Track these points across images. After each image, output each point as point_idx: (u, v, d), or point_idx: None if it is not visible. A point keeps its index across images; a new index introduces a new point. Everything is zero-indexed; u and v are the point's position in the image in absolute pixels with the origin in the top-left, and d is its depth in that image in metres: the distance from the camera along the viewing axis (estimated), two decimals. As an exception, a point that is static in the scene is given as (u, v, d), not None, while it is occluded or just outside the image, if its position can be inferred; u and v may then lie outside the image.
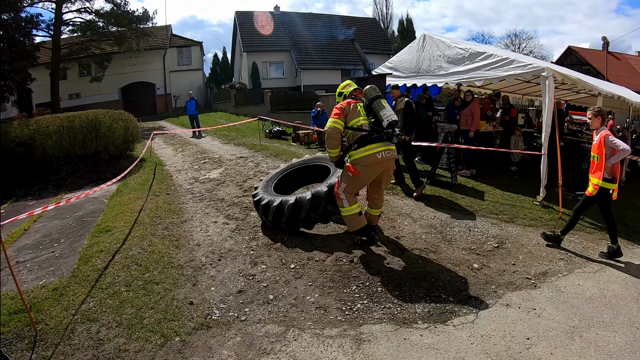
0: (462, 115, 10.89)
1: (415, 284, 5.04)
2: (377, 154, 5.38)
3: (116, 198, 9.11)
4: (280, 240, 6.35)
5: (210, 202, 8.52)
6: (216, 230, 6.98)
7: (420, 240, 6.25)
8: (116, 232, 6.88)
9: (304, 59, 36.70)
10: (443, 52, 10.58)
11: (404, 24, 43.99)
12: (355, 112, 5.57)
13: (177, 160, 13.78)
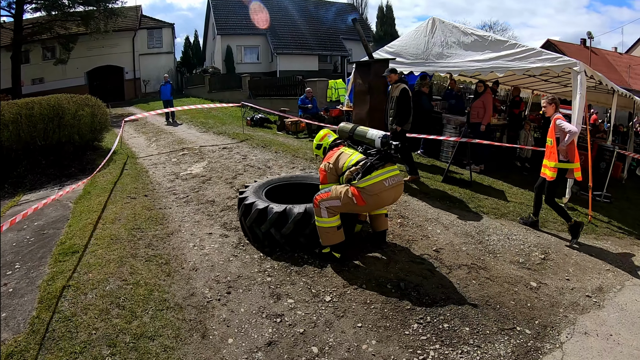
0: (473, 107, 10.34)
1: (481, 313, 4.29)
2: (385, 182, 4.82)
3: (83, 202, 7.53)
4: (299, 259, 5.26)
5: (198, 206, 7.22)
6: (214, 246, 5.68)
7: (462, 253, 5.58)
8: (85, 253, 5.37)
9: (280, 43, 35.25)
10: (458, 38, 9.93)
11: (384, 10, 42.64)
12: (343, 157, 5.16)
13: (151, 152, 12.18)
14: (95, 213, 6.81)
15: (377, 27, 42.20)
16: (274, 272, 4.98)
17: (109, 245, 5.55)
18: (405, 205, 7.16)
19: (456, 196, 7.85)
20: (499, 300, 4.52)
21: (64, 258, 5.27)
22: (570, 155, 6.36)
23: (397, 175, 4.96)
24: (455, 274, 4.99)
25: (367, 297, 4.45)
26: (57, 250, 5.51)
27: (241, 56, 36.46)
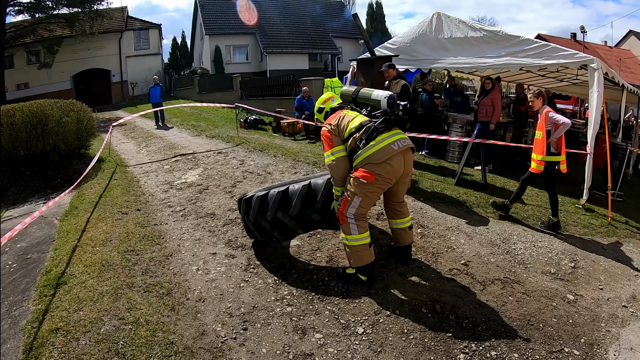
0: (481, 105, 10.11)
1: (526, 335, 3.93)
2: (393, 144, 4.29)
3: (70, 219, 6.76)
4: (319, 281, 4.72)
5: (197, 220, 6.54)
6: (220, 269, 5.03)
7: (492, 266, 5.22)
8: (75, 284, 4.64)
9: (269, 42, 34.63)
10: (466, 33, 9.58)
11: (373, 7, 42.55)
12: (344, 119, 4.57)
13: (142, 159, 11.44)
14: (83, 233, 6.11)
15: (367, 24, 42.13)
16: (293, 300, 4.40)
17: (101, 273, 4.83)
18: (422, 213, 6.79)
19: (472, 200, 7.50)
20: (541, 319, 4.18)
21: (50, 291, 4.53)
22: (559, 148, 6.40)
23: (405, 139, 4.46)
24: (490, 291, 4.61)
25: (402, 325, 3.96)
26: (42, 281, 4.78)
27: (230, 56, 35.77)
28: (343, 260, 5.02)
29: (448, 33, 10.00)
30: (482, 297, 4.47)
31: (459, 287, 4.62)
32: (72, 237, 5.94)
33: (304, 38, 36.31)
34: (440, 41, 10.24)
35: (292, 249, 5.49)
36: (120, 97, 33.73)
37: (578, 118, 21.63)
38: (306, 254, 5.35)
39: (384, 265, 5.00)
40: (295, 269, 4.94)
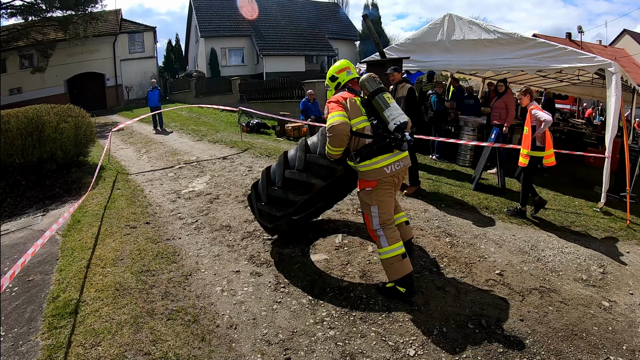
0: (494, 108, 9.86)
1: (573, 346, 3.87)
2: (386, 168, 4.25)
3: (74, 234, 6.23)
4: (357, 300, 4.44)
5: (213, 234, 6.11)
6: (247, 289, 4.65)
7: (526, 274, 5.13)
8: (88, 313, 4.11)
9: (266, 44, 34.22)
10: (479, 35, 9.47)
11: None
12: (355, 109, 4.33)
13: (143, 166, 10.94)
14: (90, 250, 5.56)
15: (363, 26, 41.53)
16: (334, 322, 4.07)
17: (116, 299, 4.35)
18: (447, 221, 6.60)
19: (493, 206, 7.39)
20: (582, 328, 4.15)
21: (60, 322, 4.01)
22: (544, 142, 6.73)
23: (400, 161, 4.35)
24: (529, 301, 4.52)
25: (452, 344, 3.79)
26: (50, 310, 4.26)
27: (226, 59, 35.32)
28: (377, 274, 4.83)
29: (460, 35, 9.84)
30: (524, 308, 4.37)
31: (499, 299, 4.50)
32: (78, 256, 5.43)
33: (300, 40, 35.93)
34: (452, 43, 10.08)
35: (320, 264, 5.17)
36: (115, 101, 33.11)
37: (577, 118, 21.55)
38: (337, 269, 5.04)
39: (419, 279, 4.80)
40: (329, 287, 4.64)
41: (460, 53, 10.05)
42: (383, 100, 4.30)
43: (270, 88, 21.08)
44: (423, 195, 7.80)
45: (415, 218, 6.69)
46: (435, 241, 5.85)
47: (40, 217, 7.56)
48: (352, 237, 5.91)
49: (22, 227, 7.11)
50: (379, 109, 4.30)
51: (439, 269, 5.05)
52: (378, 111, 4.32)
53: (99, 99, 32.08)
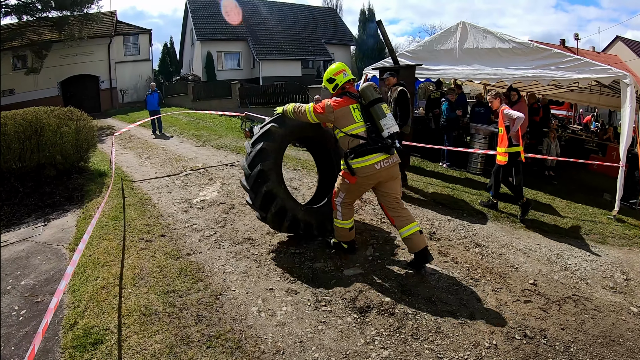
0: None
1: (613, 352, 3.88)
2: (376, 165, 4.86)
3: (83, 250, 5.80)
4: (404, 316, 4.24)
5: (236, 247, 5.75)
6: (287, 309, 4.32)
7: (557, 283, 5.11)
8: (113, 342, 3.72)
9: (262, 48, 33.84)
10: (494, 44, 9.48)
11: (366, 13, 42.15)
12: (348, 117, 4.94)
13: (146, 172, 10.52)
14: (104, 268, 5.14)
15: (360, 31, 41.83)
16: (385, 341, 3.87)
17: (144, 325, 3.94)
18: (473, 231, 6.54)
19: (514, 214, 7.48)
20: (618, 334, 4.18)
21: (83, 355, 3.54)
22: (518, 139, 7.24)
23: (389, 159, 4.92)
24: (565, 310, 4.53)
25: (505, 356, 3.75)
26: (68, 339, 3.80)
27: (222, 62, 34.95)
28: (416, 288, 4.73)
29: (474, 43, 9.81)
30: (562, 317, 4.37)
31: (538, 309, 4.47)
32: (92, 274, 5.01)
33: (296, 44, 35.68)
34: (465, 51, 10.02)
35: (356, 278, 4.94)
36: (109, 104, 32.44)
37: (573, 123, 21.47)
38: (375, 284, 4.81)
39: (457, 291, 4.74)
40: (372, 303, 4.40)
41: (473, 62, 9.95)
42: (381, 109, 4.94)
43: (271, 93, 20.62)
44: (444, 205, 7.66)
45: (440, 228, 6.54)
46: (465, 252, 5.73)
47: (42, 227, 7.10)
48: (382, 249, 5.72)
49: (22, 239, 6.62)
50: (376, 116, 4.94)
51: (475, 281, 4.97)
52: (375, 118, 4.95)
53: (93, 101, 31.26)
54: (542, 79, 8.94)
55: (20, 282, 5.07)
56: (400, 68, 9.82)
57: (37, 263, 5.61)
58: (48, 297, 4.67)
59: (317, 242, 5.86)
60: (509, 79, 9.49)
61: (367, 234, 6.18)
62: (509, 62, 9.30)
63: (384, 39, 10.28)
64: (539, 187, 9.50)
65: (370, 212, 7.12)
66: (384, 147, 4.87)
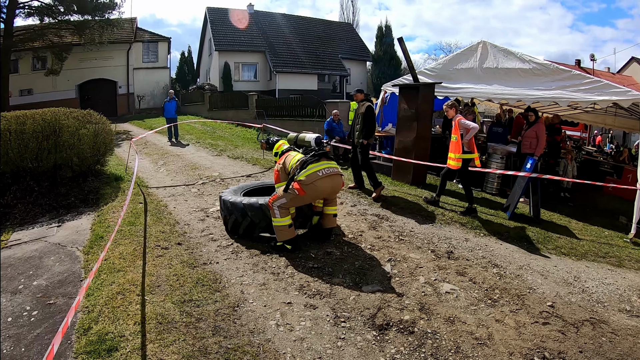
0: (525, 137, 9.96)
1: None
2: (319, 172, 5.69)
3: (97, 253, 5.75)
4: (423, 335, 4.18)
5: (253, 259, 5.69)
6: (305, 324, 4.23)
7: (575, 306, 5.03)
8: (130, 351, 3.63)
9: (279, 61, 33.94)
10: (514, 64, 9.53)
11: (383, 30, 42.03)
12: (288, 158, 6.09)
13: (162, 179, 10.53)
14: (119, 273, 5.10)
15: (377, 47, 41.68)
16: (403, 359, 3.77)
17: (161, 334, 3.87)
18: (490, 251, 6.49)
19: (531, 236, 7.30)
20: (635, 357, 4.09)
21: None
22: (471, 147, 7.96)
23: (331, 167, 5.85)
24: (583, 333, 4.45)
25: None
26: (82, 345, 3.73)
27: (239, 73, 35.09)
28: (435, 307, 4.68)
29: (494, 63, 9.82)
30: (580, 340, 4.31)
31: (556, 332, 4.41)
32: (107, 279, 4.95)
33: (313, 58, 35.73)
34: (484, 70, 10.01)
35: (375, 295, 4.86)
36: (125, 110, 32.76)
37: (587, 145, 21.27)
38: (394, 302, 4.75)
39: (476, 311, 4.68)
40: (391, 321, 4.34)
41: (492, 81, 9.93)
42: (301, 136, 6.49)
43: (288, 105, 20.57)
44: (461, 224, 7.58)
45: (458, 248, 6.46)
46: (483, 272, 5.66)
47: (56, 228, 7.07)
48: (400, 266, 5.66)
49: (36, 238, 6.59)
50: (302, 141, 6.39)
51: (494, 301, 4.91)
52: (303, 143, 6.40)
53: (109, 106, 31.38)
54: (561, 100, 8.85)
55: (32, 282, 5.02)
56: (420, 86, 9.87)
57: (50, 264, 5.56)
58: (61, 299, 4.62)
59: (336, 257, 5.83)
60: (528, 99, 9.41)
61: (385, 251, 6.12)
62: (528, 83, 9.27)
63: (405, 56, 10.31)
64: (555, 209, 9.35)
65: (387, 228, 7.06)
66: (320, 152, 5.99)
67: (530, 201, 8.51)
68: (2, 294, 4.75)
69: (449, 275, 5.44)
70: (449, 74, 10.80)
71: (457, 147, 7.90)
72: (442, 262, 5.86)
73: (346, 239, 6.52)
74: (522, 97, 9.46)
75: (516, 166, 10.19)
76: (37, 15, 24.30)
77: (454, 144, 7.97)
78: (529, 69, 9.23)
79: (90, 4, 24.03)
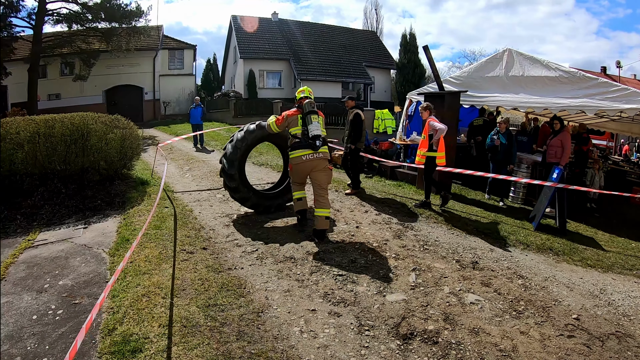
0: (550, 145, 9.89)
1: None
2: (302, 157, 6.66)
3: (123, 255, 5.67)
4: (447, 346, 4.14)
5: (277, 265, 5.73)
6: (329, 332, 4.22)
7: (600, 319, 4.94)
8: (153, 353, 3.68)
9: (303, 69, 34.13)
10: (541, 72, 9.53)
11: (407, 38, 41.96)
12: (295, 122, 6.87)
13: (188, 184, 10.64)
14: (145, 276, 5.16)
15: (401, 55, 41.58)
16: None
17: (185, 337, 3.91)
18: (515, 262, 6.43)
19: (557, 247, 7.24)
20: None
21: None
22: (438, 147, 8.47)
23: (314, 154, 6.66)
24: (609, 347, 4.39)
25: None
26: (106, 345, 3.79)
27: (263, 81, 35.28)
28: (459, 317, 4.64)
29: (520, 71, 9.78)
30: (605, 353, 4.25)
31: (581, 345, 4.35)
32: (132, 282, 5.02)
33: (337, 66, 35.78)
34: (510, 79, 9.95)
35: (399, 305, 4.84)
36: (151, 115, 33.28)
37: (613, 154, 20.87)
38: (418, 311, 4.73)
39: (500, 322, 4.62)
40: (415, 331, 4.31)
41: (518, 89, 9.87)
42: (309, 119, 6.66)
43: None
44: (486, 234, 7.51)
45: (483, 258, 6.40)
46: (508, 283, 5.60)
47: (82, 229, 7.18)
48: (425, 276, 5.61)
49: (62, 239, 6.71)
50: (307, 123, 6.67)
51: (519, 313, 4.84)
52: (306, 125, 6.69)
53: (135, 111, 31.87)
54: (588, 108, 8.76)
55: (58, 282, 5.11)
56: (445, 94, 9.82)
57: (76, 264, 5.65)
58: (86, 299, 4.69)
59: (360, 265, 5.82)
60: (554, 107, 9.32)
61: (409, 260, 6.09)
62: (554, 91, 9.19)
63: (430, 64, 10.26)
64: (581, 220, 9.27)
65: (412, 237, 7.04)
66: (309, 145, 6.60)
67: (556, 212, 8.35)
68: (28, 292, 4.87)
69: (474, 286, 5.39)
70: (475, 82, 10.75)
71: (424, 145, 8.55)
72: (467, 272, 5.81)
73: (371, 248, 6.50)
74: (549, 105, 9.36)
75: (542, 176, 10.04)
76: (65, 23, 25.14)
77: (422, 142, 8.64)
78: (555, 76, 9.17)
79: (118, 12, 24.64)
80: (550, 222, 8.54)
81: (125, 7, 25.05)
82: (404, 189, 10.25)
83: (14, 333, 4.03)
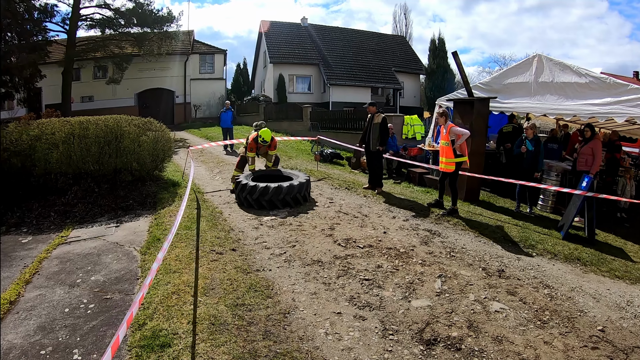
0: (581, 153, 9.51)
1: None
2: None
3: (154, 253, 6.05)
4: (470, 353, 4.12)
5: (305, 268, 5.82)
6: (354, 334, 4.28)
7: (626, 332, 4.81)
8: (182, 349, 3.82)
9: (333, 74, 34.09)
10: (570, 78, 9.35)
11: (436, 43, 41.80)
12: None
13: (218, 186, 10.84)
14: (175, 274, 5.32)
15: (430, 60, 41.51)
16: None
17: (212, 334, 4.05)
18: (542, 271, 6.32)
19: (585, 257, 7.05)
20: None
21: (149, 355, 3.66)
22: (463, 151, 8.62)
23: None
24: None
25: None
26: (136, 339, 3.97)
27: (293, 85, 35.41)
28: (484, 325, 4.60)
29: (550, 77, 9.64)
30: None
31: (605, 357, 4.28)
32: (163, 279, 5.19)
33: (366, 71, 35.69)
34: (540, 85, 9.83)
35: (424, 310, 4.87)
36: (182, 118, 33.86)
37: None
38: (443, 318, 4.74)
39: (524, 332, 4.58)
40: (439, 337, 4.32)
41: (547, 96, 9.74)
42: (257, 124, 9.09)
43: (341, 118, 20.34)
44: (513, 242, 7.45)
45: (510, 267, 6.34)
46: (534, 292, 5.54)
47: (114, 228, 7.46)
48: (450, 283, 5.62)
49: (95, 237, 7.00)
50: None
51: (543, 323, 4.78)
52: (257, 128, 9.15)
53: (167, 114, 32.66)
54: (618, 115, 8.55)
55: (90, 277, 5.35)
56: (474, 100, 9.78)
57: (108, 261, 5.88)
58: (117, 294, 4.90)
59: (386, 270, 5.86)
60: (584, 114, 9.14)
61: (435, 267, 6.09)
62: (584, 97, 9.04)
63: (460, 70, 10.22)
64: (610, 230, 9.03)
65: (439, 244, 7.03)
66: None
67: (585, 221, 8.19)
68: (60, 286, 5.12)
69: (499, 294, 5.36)
70: (504, 88, 10.66)
71: (449, 152, 8.59)
72: (492, 280, 5.78)
73: (398, 253, 6.53)
74: (578, 112, 9.22)
75: (572, 184, 9.81)
76: (98, 28, 25.90)
77: (445, 149, 8.68)
78: (585, 82, 9.02)
79: (150, 17, 25.19)
80: (578, 232, 8.38)
81: (157, 12, 25.59)
82: (433, 196, 10.20)
83: (47, 325, 4.26)
